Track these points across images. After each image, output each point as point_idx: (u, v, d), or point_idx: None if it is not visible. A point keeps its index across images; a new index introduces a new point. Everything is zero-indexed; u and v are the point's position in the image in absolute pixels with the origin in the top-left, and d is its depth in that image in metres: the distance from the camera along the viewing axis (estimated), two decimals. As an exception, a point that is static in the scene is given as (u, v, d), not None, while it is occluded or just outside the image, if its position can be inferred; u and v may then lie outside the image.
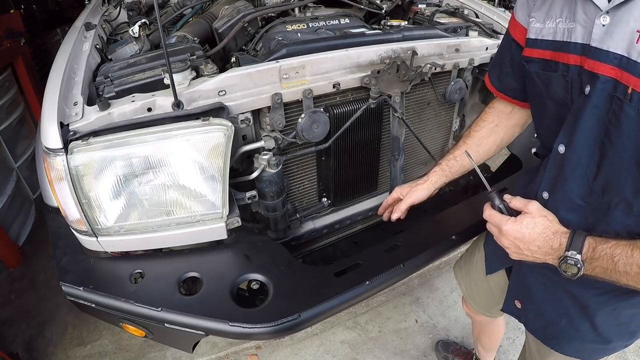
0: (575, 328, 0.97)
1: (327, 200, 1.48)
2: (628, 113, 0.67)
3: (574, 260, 0.75)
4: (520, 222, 0.81)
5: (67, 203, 1.00)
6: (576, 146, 0.78)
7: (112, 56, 1.47)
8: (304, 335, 2.04)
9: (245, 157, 1.22)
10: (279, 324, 0.96)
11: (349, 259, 1.18)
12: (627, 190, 0.73)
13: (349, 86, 1.24)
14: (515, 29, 0.95)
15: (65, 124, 0.98)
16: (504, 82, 1.05)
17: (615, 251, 0.72)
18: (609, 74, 0.69)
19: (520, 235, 0.81)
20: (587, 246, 0.74)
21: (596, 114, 0.73)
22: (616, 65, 0.67)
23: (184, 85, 1.07)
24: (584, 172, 0.79)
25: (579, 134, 0.77)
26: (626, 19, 0.66)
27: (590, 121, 0.74)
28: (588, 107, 0.73)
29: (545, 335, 1.05)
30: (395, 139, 1.46)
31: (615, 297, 0.88)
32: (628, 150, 0.69)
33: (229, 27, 1.43)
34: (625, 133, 0.68)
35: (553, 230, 0.79)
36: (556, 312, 0.99)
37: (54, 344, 2.02)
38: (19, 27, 3.06)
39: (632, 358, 1.94)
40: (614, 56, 0.68)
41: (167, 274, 1.06)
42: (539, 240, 0.79)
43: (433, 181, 1.15)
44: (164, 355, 1.96)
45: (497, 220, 0.85)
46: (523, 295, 1.08)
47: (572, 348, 1.00)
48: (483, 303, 1.35)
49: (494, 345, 1.70)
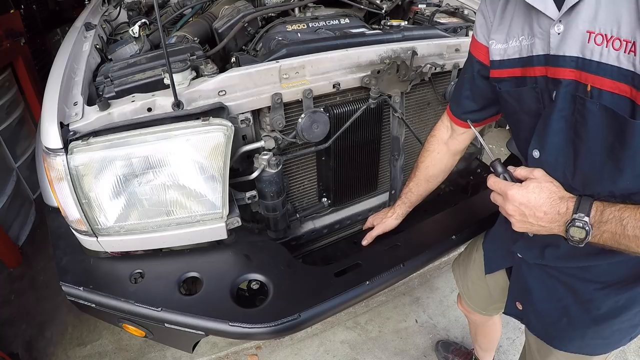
0: (577, 325, 0.97)
1: (327, 200, 1.48)
2: (591, 109, 0.70)
3: (582, 222, 0.72)
4: (527, 187, 0.79)
5: (67, 203, 1.00)
6: (550, 149, 0.80)
7: (112, 56, 1.47)
8: (304, 335, 2.04)
9: (245, 157, 1.22)
10: (279, 324, 0.96)
11: (349, 259, 1.18)
12: (605, 182, 0.74)
13: (349, 86, 1.24)
14: (477, 49, 0.96)
15: (65, 124, 0.98)
16: (462, 105, 1.06)
17: (623, 214, 0.69)
18: (569, 76, 0.72)
19: (526, 200, 0.78)
20: (595, 209, 0.72)
21: (563, 116, 0.75)
22: (574, 67, 0.71)
23: (184, 85, 1.07)
24: (562, 172, 0.80)
25: (550, 136, 0.79)
26: (576, 22, 0.69)
27: (558, 123, 0.77)
28: (555, 110, 0.76)
29: (547, 335, 1.05)
30: (395, 139, 1.46)
31: (616, 290, 0.89)
32: (598, 145, 0.72)
33: (229, 27, 1.43)
34: (592, 128, 0.71)
35: (560, 195, 0.77)
36: (557, 312, 0.99)
37: (54, 344, 2.02)
38: (19, 27, 3.06)
39: (632, 358, 1.94)
40: (570, 59, 0.71)
41: (167, 274, 1.06)
42: (545, 205, 0.77)
43: (399, 213, 1.30)
44: (164, 355, 1.96)
45: (501, 185, 0.82)
46: (523, 296, 1.08)
47: (575, 345, 1.00)
48: (479, 301, 1.35)
49: (492, 345, 1.70)
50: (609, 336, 0.96)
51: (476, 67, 0.98)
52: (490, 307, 1.33)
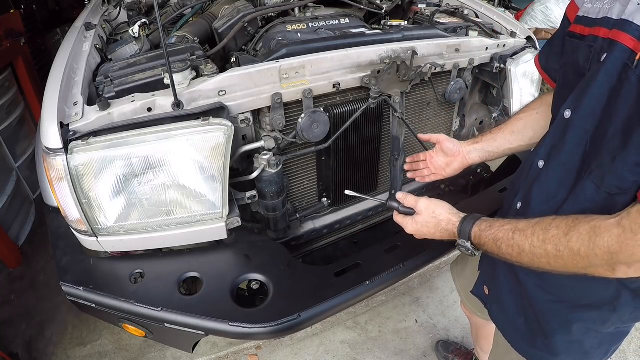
0: (530, 329, 0.95)
1: (327, 200, 1.48)
2: (630, 78, 0.67)
3: (464, 247, 0.88)
4: (416, 223, 0.96)
5: (67, 203, 1.00)
6: (582, 112, 0.77)
7: (112, 56, 1.47)
8: (304, 335, 2.04)
9: (245, 157, 1.22)
10: (279, 324, 0.96)
11: (349, 259, 1.18)
12: (605, 155, 0.71)
13: (349, 86, 1.24)
14: (571, 8, 0.94)
15: (65, 124, 0.98)
16: (550, 60, 1.04)
17: (497, 235, 0.80)
18: (627, 43, 0.69)
19: (421, 233, 0.97)
20: (474, 235, 0.86)
21: (608, 82, 0.72)
22: (635, 37, 0.68)
23: (184, 85, 1.07)
24: (584, 139, 0.77)
25: (587, 99, 0.76)
26: None
27: (601, 88, 0.73)
28: (601, 73, 0.73)
29: (504, 327, 1.04)
30: (395, 139, 1.46)
31: (568, 308, 0.87)
32: (619, 115, 0.69)
33: (229, 27, 1.43)
34: (622, 97, 0.69)
35: (445, 222, 0.92)
36: (517, 308, 0.98)
37: (54, 344, 2.02)
38: (19, 27, 3.05)
39: (632, 358, 1.94)
40: (636, 27, 0.68)
41: (167, 274, 1.06)
42: (437, 232, 0.94)
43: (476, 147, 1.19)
44: (164, 355, 1.96)
45: (401, 222, 1.01)
46: (491, 282, 1.07)
47: (524, 349, 0.99)
48: (476, 302, 1.35)
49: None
50: (554, 354, 0.92)
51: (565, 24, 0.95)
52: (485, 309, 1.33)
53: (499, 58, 1.49)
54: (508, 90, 1.53)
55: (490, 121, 1.74)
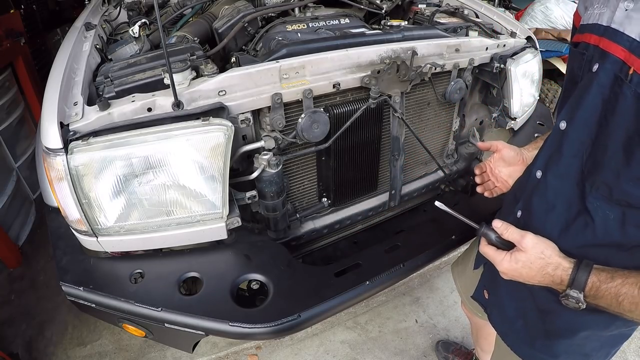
0: (529, 331, 0.95)
1: (327, 200, 1.48)
2: (625, 94, 0.67)
3: (575, 298, 0.74)
4: (517, 261, 0.80)
5: (67, 203, 1.00)
6: (577, 123, 0.77)
7: (112, 56, 1.47)
8: (304, 335, 2.04)
9: (245, 157, 1.22)
10: (279, 324, 0.96)
11: (349, 259, 1.18)
12: (607, 172, 0.72)
13: (349, 86, 1.24)
14: (576, 16, 0.94)
15: (65, 124, 0.98)
16: None
17: (620, 290, 0.70)
18: (618, 54, 0.70)
19: (518, 274, 0.81)
20: (590, 285, 0.72)
21: (601, 93, 0.72)
22: (626, 48, 0.68)
23: (184, 85, 1.07)
24: (581, 150, 0.78)
25: (581, 110, 0.76)
26: None
27: (594, 99, 0.74)
28: (594, 85, 0.73)
29: (503, 331, 1.04)
30: (395, 139, 1.46)
31: (575, 312, 0.84)
32: (618, 131, 0.69)
33: (229, 27, 1.43)
34: (619, 113, 0.69)
35: (553, 266, 0.77)
36: (516, 311, 0.98)
37: (54, 344, 2.02)
38: (19, 27, 3.06)
39: (632, 358, 1.94)
40: (626, 38, 0.69)
41: (167, 274, 1.06)
42: (537, 277, 0.79)
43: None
44: (164, 355, 1.96)
45: (492, 257, 0.84)
46: (491, 286, 1.07)
47: (523, 351, 0.99)
48: (476, 303, 1.35)
49: (492, 347, 1.70)
50: (556, 355, 0.92)
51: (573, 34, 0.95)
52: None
53: (499, 58, 1.49)
54: (508, 90, 1.54)
55: (490, 121, 1.74)
